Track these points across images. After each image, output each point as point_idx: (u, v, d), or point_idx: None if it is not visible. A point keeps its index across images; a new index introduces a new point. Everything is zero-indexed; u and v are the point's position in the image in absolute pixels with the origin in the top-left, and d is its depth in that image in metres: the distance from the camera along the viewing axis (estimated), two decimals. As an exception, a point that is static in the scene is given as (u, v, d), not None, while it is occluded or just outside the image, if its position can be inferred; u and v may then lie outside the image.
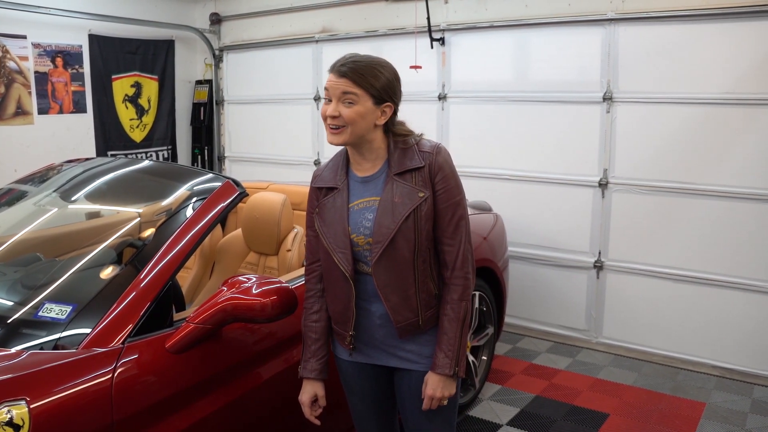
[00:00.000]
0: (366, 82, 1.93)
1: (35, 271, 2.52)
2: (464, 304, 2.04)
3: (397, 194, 1.99)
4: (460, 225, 2.03)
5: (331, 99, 1.97)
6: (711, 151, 4.26)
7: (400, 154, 2.03)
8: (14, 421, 1.69)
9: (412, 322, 2.05)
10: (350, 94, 1.93)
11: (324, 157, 6.14)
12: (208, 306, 2.12)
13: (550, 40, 4.78)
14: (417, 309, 2.05)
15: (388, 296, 2.03)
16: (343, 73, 1.94)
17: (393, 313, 2.04)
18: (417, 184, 1.99)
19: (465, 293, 2.04)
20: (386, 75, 1.98)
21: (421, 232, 1.99)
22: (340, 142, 1.99)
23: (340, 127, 1.96)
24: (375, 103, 1.96)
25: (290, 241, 3.30)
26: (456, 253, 2.03)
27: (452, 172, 2.04)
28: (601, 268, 4.75)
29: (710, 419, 3.73)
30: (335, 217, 2.05)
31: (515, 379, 4.27)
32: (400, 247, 1.99)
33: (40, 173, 3.18)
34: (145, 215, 2.66)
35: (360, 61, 1.96)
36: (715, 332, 4.36)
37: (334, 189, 2.09)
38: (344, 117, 1.94)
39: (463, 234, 2.04)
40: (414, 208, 1.97)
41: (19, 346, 2.00)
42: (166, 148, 6.80)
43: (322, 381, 2.19)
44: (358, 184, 2.08)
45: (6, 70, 5.33)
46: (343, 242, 2.03)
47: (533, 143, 4.91)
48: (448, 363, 2.01)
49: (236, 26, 6.70)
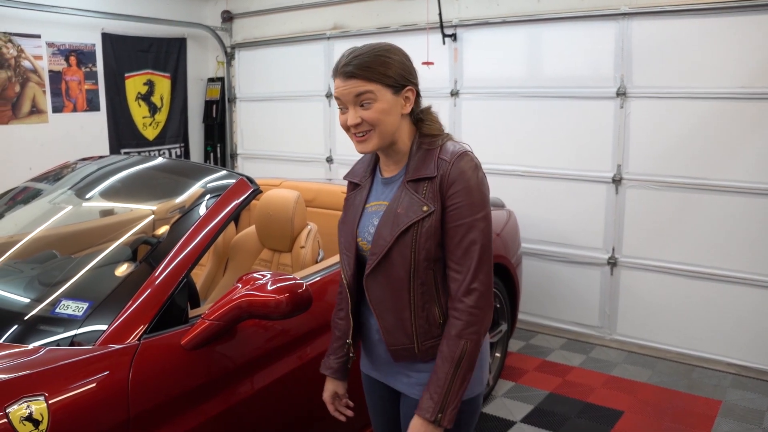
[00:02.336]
0: (378, 74, 1.72)
1: (51, 268, 2.54)
2: (463, 343, 1.71)
3: (402, 204, 1.78)
4: (471, 251, 1.72)
5: (346, 106, 1.76)
6: (726, 146, 4.22)
7: (421, 157, 1.79)
8: (33, 417, 1.70)
9: (407, 347, 1.83)
10: (366, 94, 1.72)
11: (336, 154, 6.15)
12: (223, 303, 2.13)
13: (562, 35, 4.76)
14: (413, 336, 1.81)
15: (381, 314, 1.85)
16: (349, 74, 1.72)
17: (386, 334, 1.85)
18: (425, 195, 1.75)
19: (467, 330, 1.71)
20: (395, 58, 1.76)
21: (419, 251, 1.75)
22: (370, 149, 1.78)
23: (367, 132, 1.75)
24: (394, 92, 1.75)
25: (304, 237, 3.31)
26: (462, 281, 1.73)
27: (470, 188, 1.73)
28: (615, 264, 4.73)
29: (726, 417, 3.71)
30: (350, 216, 1.92)
31: (529, 376, 4.26)
32: (396, 263, 1.78)
33: (55, 171, 3.20)
34: (160, 212, 2.67)
35: (362, 54, 1.74)
36: (731, 329, 4.33)
37: (359, 185, 1.95)
38: (367, 120, 1.73)
39: (474, 261, 1.72)
40: (414, 222, 1.74)
41: (36, 343, 2.02)
42: (179, 145, 6.83)
43: (341, 380, 2.07)
44: (380, 184, 1.90)
45: (21, 69, 5.37)
46: (349, 244, 1.89)
47: (546, 139, 4.89)
48: (431, 407, 1.71)
49: (248, 24, 6.72)
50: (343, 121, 1.78)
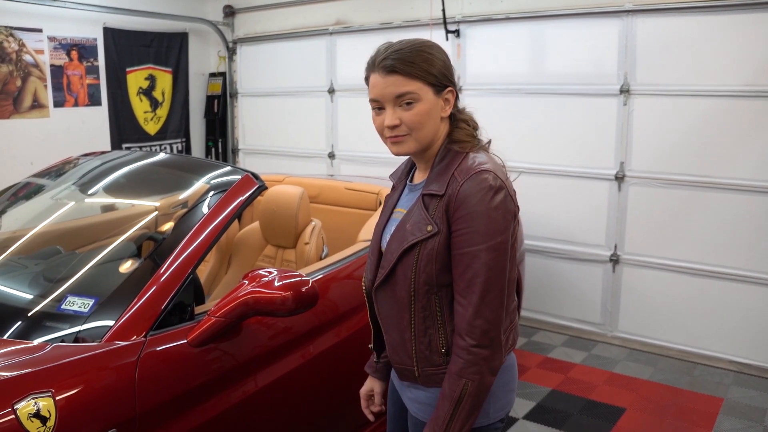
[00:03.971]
0: (421, 71, 1.57)
1: (56, 264, 2.53)
2: (464, 382, 1.56)
3: (412, 218, 1.65)
4: (473, 284, 1.55)
5: (382, 106, 1.61)
6: (729, 143, 4.22)
7: (443, 168, 1.64)
8: (41, 413, 1.70)
9: (408, 368, 1.72)
10: (409, 94, 1.57)
11: (338, 150, 6.14)
12: (229, 300, 2.12)
13: (566, 32, 4.74)
14: (413, 358, 1.69)
15: (387, 329, 1.76)
16: (390, 68, 1.57)
17: (390, 350, 1.77)
18: (433, 214, 1.60)
19: (468, 370, 1.56)
20: (438, 55, 1.62)
21: (419, 273, 1.61)
22: (405, 151, 1.64)
23: (403, 136, 1.61)
24: (436, 92, 1.61)
25: (308, 234, 3.30)
26: (464, 315, 1.57)
27: (474, 213, 1.55)
28: (617, 261, 4.72)
29: (728, 415, 3.71)
30: (380, 219, 1.81)
31: (531, 372, 4.26)
32: (399, 281, 1.65)
33: (57, 167, 3.19)
34: (164, 208, 2.66)
35: (402, 49, 1.59)
36: (733, 327, 4.33)
37: (395, 187, 1.84)
38: (408, 123, 1.59)
39: (475, 296, 1.55)
40: (418, 241, 1.61)
41: (41, 339, 2.01)
42: (180, 140, 6.82)
43: (378, 380, 1.99)
44: (408, 189, 1.78)
45: (22, 63, 5.36)
46: (374, 248, 1.79)
47: (549, 136, 4.88)
48: None
49: (250, 18, 6.70)
50: (380, 124, 1.63)
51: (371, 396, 2.03)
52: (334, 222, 3.92)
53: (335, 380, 2.64)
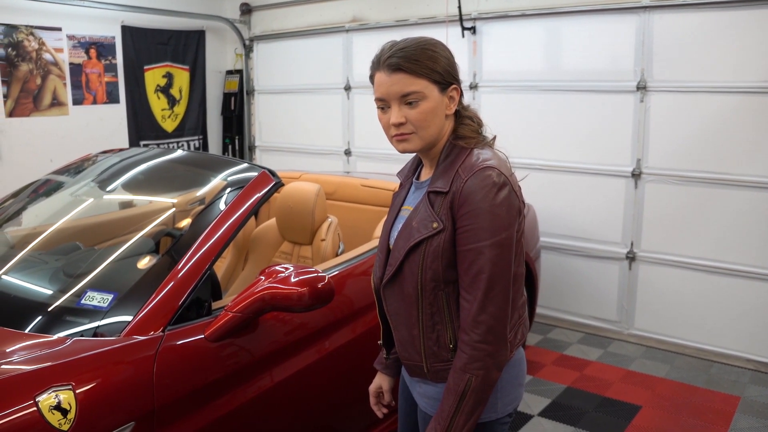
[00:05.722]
0: (426, 69, 1.59)
1: (76, 259, 2.57)
2: (468, 377, 1.57)
3: (418, 215, 1.67)
4: (477, 280, 1.57)
5: (388, 105, 1.64)
6: (746, 140, 4.18)
7: (447, 165, 1.66)
8: (62, 406, 1.73)
9: (417, 365, 1.75)
10: (414, 93, 1.60)
11: (354, 147, 6.16)
12: (246, 295, 2.15)
13: (582, 28, 4.72)
14: (422, 354, 1.72)
15: (396, 326, 1.79)
16: (395, 66, 1.59)
17: (399, 347, 1.80)
18: (438, 211, 1.62)
19: (471, 365, 1.58)
20: (442, 53, 1.65)
21: (426, 270, 1.64)
22: (411, 149, 1.67)
23: (409, 134, 1.64)
24: (440, 90, 1.63)
25: (324, 230, 3.32)
26: (469, 311, 1.59)
27: (478, 210, 1.56)
28: (633, 259, 4.70)
29: (745, 413, 3.69)
30: (389, 217, 1.84)
31: (546, 369, 4.25)
32: (407, 278, 1.68)
33: (76, 164, 3.23)
34: (182, 205, 2.69)
35: (407, 47, 1.61)
36: (750, 325, 4.30)
37: (402, 184, 1.86)
38: (413, 121, 1.61)
39: (480, 292, 1.57)
40: (424, 238, 1.63)
41: (61, 333, 2.04)
42: (197, 137, 6.87)
43: (387, 376, 2.01)
44: (415, 186, 1.80)
45: (42, 62, 5.42)
46: (382, 245, 1.81)
47: (565, 133, 4.86)
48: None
49: (266, 16, 6.73)
50: (385, 122, 1.65)
51: (380, 393, 2.05)
52: (351, 219, 3.94)
53: (350, 376, 2.65)
